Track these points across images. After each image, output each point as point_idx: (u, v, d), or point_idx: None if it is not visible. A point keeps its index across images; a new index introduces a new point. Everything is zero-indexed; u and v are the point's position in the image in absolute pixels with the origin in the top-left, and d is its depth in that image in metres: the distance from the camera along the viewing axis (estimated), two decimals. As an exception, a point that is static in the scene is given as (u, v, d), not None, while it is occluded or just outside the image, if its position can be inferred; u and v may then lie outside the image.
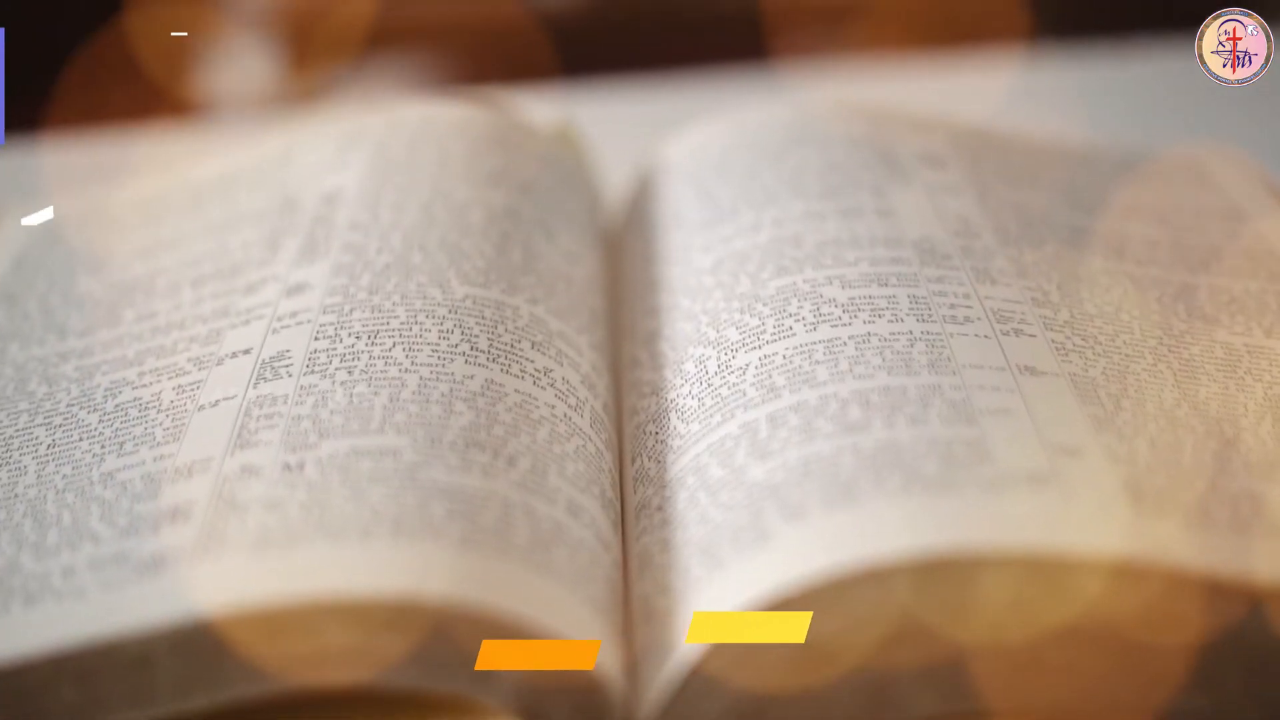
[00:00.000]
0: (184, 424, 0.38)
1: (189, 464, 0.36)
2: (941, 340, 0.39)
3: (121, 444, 0.38)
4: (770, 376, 0.39)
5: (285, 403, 0.38)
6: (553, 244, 0.46)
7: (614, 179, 0.55)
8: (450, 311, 0.41)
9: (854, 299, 0.41)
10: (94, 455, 0.38)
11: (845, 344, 0.39)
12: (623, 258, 0.49)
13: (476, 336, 0.40)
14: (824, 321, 0.40)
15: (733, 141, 0.50)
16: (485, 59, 1.30)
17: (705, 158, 0.50)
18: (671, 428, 0.40)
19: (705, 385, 0.40)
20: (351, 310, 0.41)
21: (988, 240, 0.44)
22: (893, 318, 0.40)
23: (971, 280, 0.42)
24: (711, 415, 0.39)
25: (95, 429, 0.39)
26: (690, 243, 0.46)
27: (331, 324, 0.40)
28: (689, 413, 0.40)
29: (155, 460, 0.37)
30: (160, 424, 0.38)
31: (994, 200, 0.46)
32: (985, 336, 0.39)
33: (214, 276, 0.45)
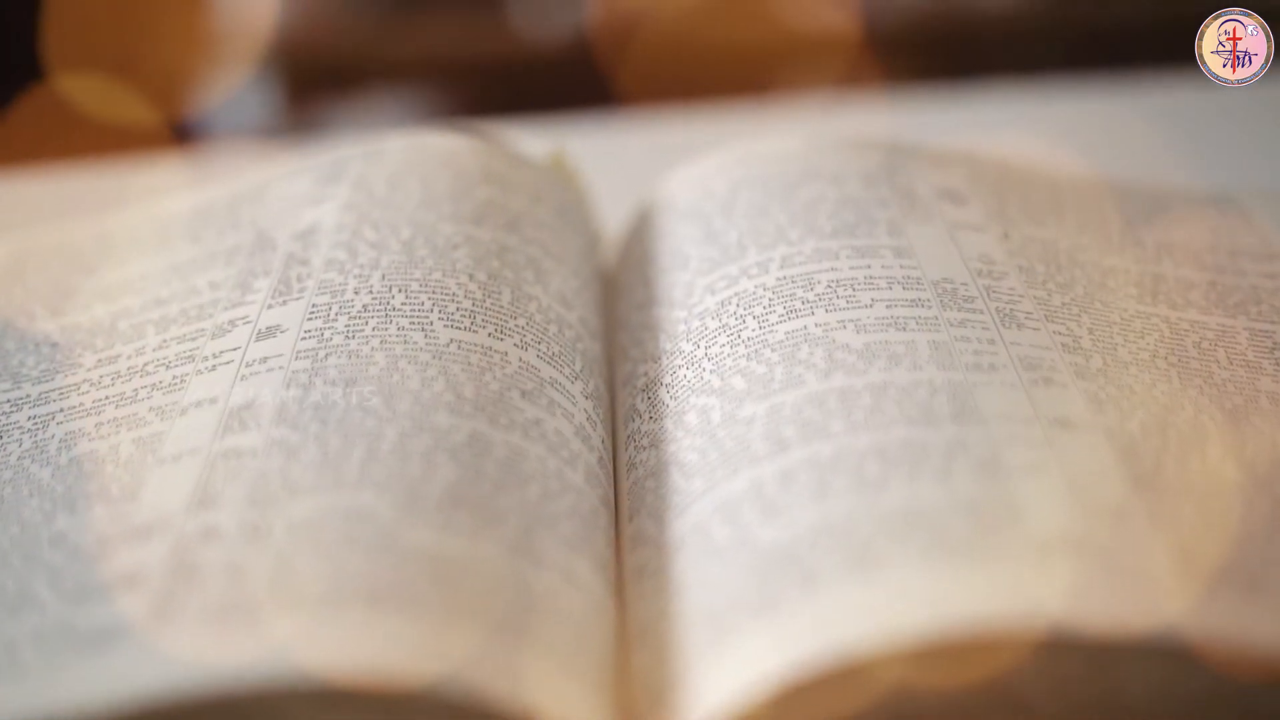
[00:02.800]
0: (142, 480, 0.35)
1: (145, 524, 0.33)
2: (965, 390, 0.36)
3: (74, 502, 0.35)
4: (779, 429, 0.36)
5: (253, 456, 0.35)
6: (544, 284, 0.43)
7: (612, 215, 0.52)
8: (433, 357, 0.38)
9: (870, 345, 0.38)
10: (44, 514, 0.35)
11: (860, 393, 0.36)
12: (620, 299, 0.46)
13: (461, 385, 0.37)
14: (837, 369, 0.37)
15: (739, 176, 0.47)
16: (481, 93, 1.28)
17: (710, 193, 0.47)
18: (672, 484, 0.37)
19: (709, 438, 0.37)
20: (327, 356, 0.38)
21: (1013, 281, 0.41)
22: (912, 365, 0.37)
23: (996, 324, 0.39)
24: (715, 470, 0.36)
25: (47, 485, 0.36)
26: (693, 283, 0.43)
27: (305, 370, 0.37)
28: (691, 467, 0.37)
29: (110, 520, 0.34)
30: (117, 480, 0.35)
31: (1018, 238, 0.43)
32: (1012, 386, 0.36)
33: (180, 319, 0.41)
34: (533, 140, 0.52)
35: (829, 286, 0.40)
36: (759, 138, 0.49)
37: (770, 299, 0.40)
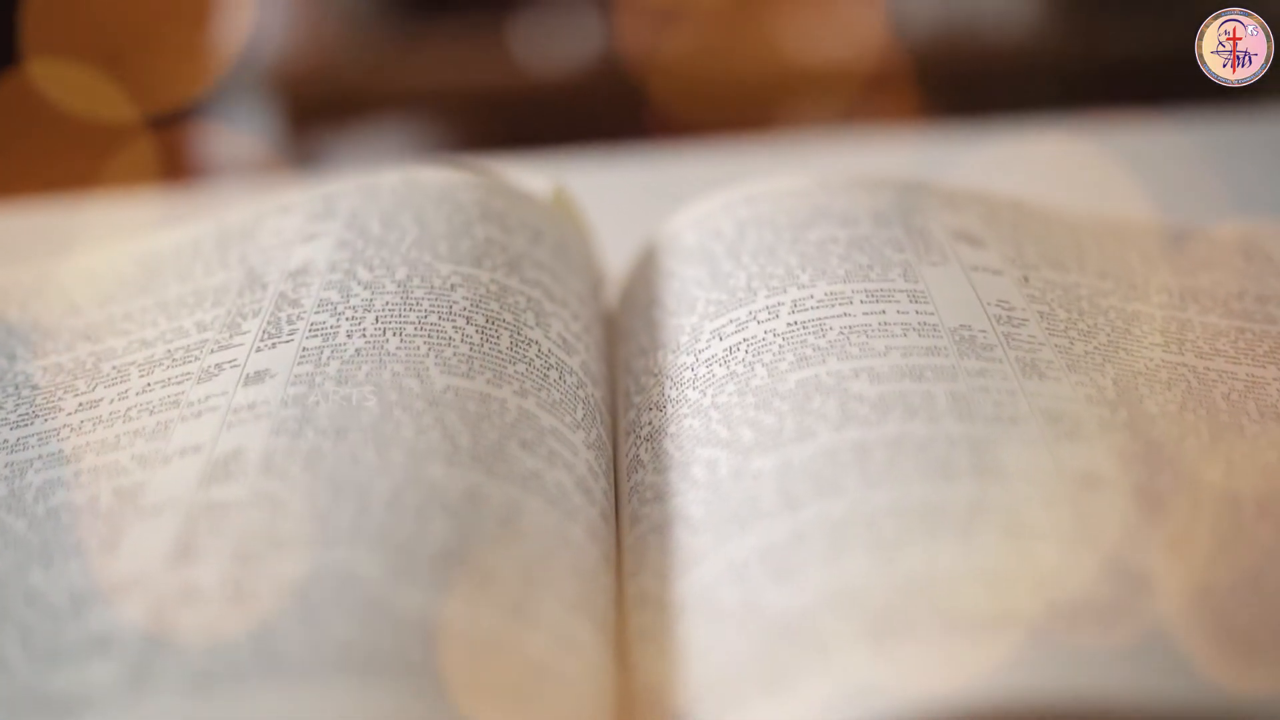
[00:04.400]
0: (120, 533, 0.33)
1: (121, 581, 0.32)
2: (985, 444, 0.34)
3: (51, 555, 0.33)
4: (790, 484, 0.34)
5: (238, 509, 0.33)
6: (545, 328, 0.41)
7: (614, 255, 0.50)
8: (429, 405, 0.36)
9: (884, 395, 0.36)
10: (18, 568, 0.33)
11: (875, 447, 0.34)
12: (623, 343, 0.44)
13: (458, 434, 0.36)
14: (851, 421, 0.35)
15: (747, 215, 0.45)
16: (483, 125, 1.27)
17: (716, 233, 0.45)
18: (677, 540, 0.35)
19: (715, 492, 0.35)
20: (317, 403, 0.36)
21: (1033, 329, 0.39)
22: (929, 417, 0.35)
23: (1017, 374, 0.37)
24: (723, 527, 0.34)
25: (22, 536, 0.34)
26: (700, 328, 0.41)
27: (294, 418, 0.36)
28: (697, 523, 0.35)
29: (85, 576, 0.32)
30: (95, 532, 0.34)
31: (1038, 283, 0.41)
32: (1035, 440, 0.34)
33: (166, 361, 0.40)
34: (534, 175, 0.50)
35: (841, 333, 0.38)
36: (767, 175, 0.48)
37: (780, 345, 0.39)
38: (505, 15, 1.33)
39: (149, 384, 0.39)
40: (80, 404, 0.39)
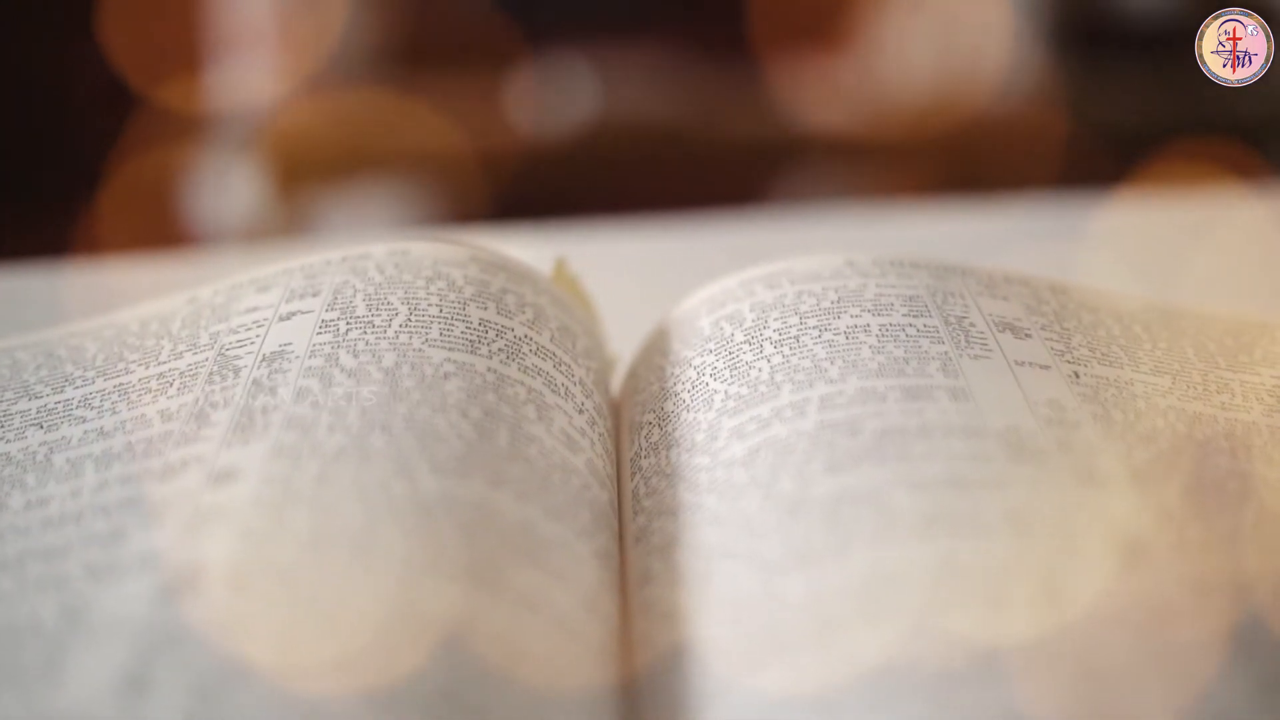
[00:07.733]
0: (64, 659, 0.29)
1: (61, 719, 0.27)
2: (1046, 570, 0.30)
3: (-15, 684, 0.29)
4: (822, 609, 0.30)
5: (199, 632, 0.29)
6: (547, 423, 0.37)
7: (620, 337, 0.46)
8: (418, 512, 0.32)
9: (927, 509, 0.32)
10: (-53, 698, 0.29)
11: (919, 569, 0.30)
12: (631, 438, 0.40)
13: (451, 546, 0.32)
14: (890, 537, 0.31)
15: (769, 299, 0.41)
16: (478, 188, 1.24)
17: (735, 317, 0.41)
18: (694, 669, 0.31)
19: (737, 613, 0.31)
20: (293, 508, 0.32)
21: (1087, 432, 0.35)
22: (977, 535, 0.31)
23: (1074, 485, 0.33)
24: (747, 657, 0.30)
25: (-46, 660, 0.30)
26: (718, 425, 0.37)
27: (266, 526, 0.32)
28: (716, 649, 0.31)
29: (22, 711, 0.28)
30: (37, 657, 0.29)
31: (1089, 380, 0.38)
32: (1100, 564, 0.30)
33: (125, 455, 0.36)
34: (533, 247, 0.46)
35: (875, 435, 0.35)
36: (783, 251, 0.44)
37: (808, 448, 0.35)
38: (500, 76, 1.30)
39: (105, 480, 0.35)
40: (28, 502, 0.35)
